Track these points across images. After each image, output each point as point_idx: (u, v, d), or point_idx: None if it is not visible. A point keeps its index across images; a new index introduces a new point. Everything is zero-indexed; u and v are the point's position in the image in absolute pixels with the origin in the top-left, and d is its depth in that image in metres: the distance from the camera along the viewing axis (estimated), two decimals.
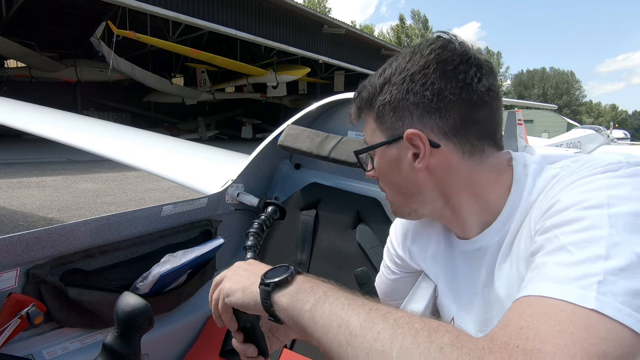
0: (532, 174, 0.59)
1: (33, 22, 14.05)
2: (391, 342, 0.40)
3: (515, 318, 0.41)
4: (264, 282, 0.54)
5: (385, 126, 0.63)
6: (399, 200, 0.68)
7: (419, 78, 0.58)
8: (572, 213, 0.46)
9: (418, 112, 0.59)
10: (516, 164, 0.62)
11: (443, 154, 0.59)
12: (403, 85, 0.59)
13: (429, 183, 0.62)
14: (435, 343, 0.38)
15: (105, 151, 2.18)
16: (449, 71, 0.58)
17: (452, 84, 0.57)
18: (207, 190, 1.38)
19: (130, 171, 7.44)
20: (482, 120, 0.59)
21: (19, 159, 8.90)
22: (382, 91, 0.62)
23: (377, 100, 0.63)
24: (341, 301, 0.47)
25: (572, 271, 0.41)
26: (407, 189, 0.64)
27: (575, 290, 0.39)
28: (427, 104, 0.58)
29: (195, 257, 1.08)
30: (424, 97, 0.58)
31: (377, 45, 18.86)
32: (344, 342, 0.43)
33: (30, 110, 2.98)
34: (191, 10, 11.02)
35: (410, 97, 0.59)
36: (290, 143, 1.39)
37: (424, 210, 0.66)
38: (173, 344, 1.15)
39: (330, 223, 1.33)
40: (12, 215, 4.46)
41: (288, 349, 1.09)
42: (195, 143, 2.85)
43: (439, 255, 0.73)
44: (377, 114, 0.63)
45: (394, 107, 0.61)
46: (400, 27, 48.20)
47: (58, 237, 0.87)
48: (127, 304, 0.65)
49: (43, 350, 0.87)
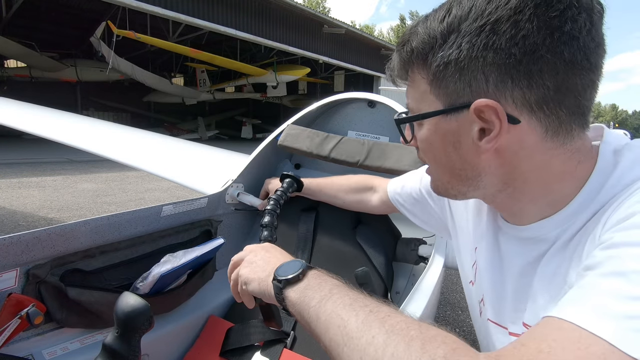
0: (623, 163, 0.46)
1: (33, 22, 14.05)
2: (384, 348, 0.38)
3: (537, 338, 0.35)
4: (276, 278, 0.56)
5: (443, 91, 0.48)
6: (446, 180, 0.55)
7: (506, 28, 0.42)
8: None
9: (497, 76, 0.44)
10: (605, 148, 0.49)
11: (519, 132, 0.46)
12: (480, 36, 0.43)
13: (492, 166, 0.49)
14: (428, 354, 0.36)
15: (105, 151, 2.18)
16: (551, 19, 0.42)
17: (553, 38, 0.42)
18: (207, 190, 1.38)
19: (130, 171, 7.44)
20: (582, 88, 0.45)
21: (19, 159, 8.90)
22: (445, 43, 0.46)
23: (436, 56, 0.47)
24: (344, 300, 0.47)
25: (625, 306, 0.33)
26: (462, 171, 0.51)
27: (621, 331, 0.32)
28: (513, 66, 0.43)
29: (195, 257, 1.08)
30: (510, 55, 0.43)
31: (377, 45, 18.85)
32: (340, 342, 0.43)
33: (30, 110, 2.98)
34: (191, 10, 11.02)
35: (489, 55, 0.43)
36: (290, 143, 1.39)
37: (474, 194, 0.55)
38: (173, 344, 1.15)
39: (330, 223, 1.33)
40: (12, 215, 4.46)
41: (288, 349, 1.09)
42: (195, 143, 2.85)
43: (482, 230, 0.64)
44: (435, 74, 0.48)
45: (461, 66, 0.45)
46: (401, 27, 48.25)
47: (58, 237, 0.87)
48: (127, 304, 0.65)
49: (43, 350, 0.87)
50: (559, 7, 0.42)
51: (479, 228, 0.66)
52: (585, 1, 0.43)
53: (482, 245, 0.64)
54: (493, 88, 0.45)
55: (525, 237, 0.54)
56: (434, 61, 0.47)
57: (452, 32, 0.46)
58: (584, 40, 0.42)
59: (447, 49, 0.46)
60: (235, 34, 12.35)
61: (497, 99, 0.45)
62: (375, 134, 1.46)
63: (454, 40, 0.45)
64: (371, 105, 1.46)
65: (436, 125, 0.51)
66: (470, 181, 0.52)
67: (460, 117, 0.48)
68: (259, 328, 1.12)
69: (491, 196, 0.54)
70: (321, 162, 1.55)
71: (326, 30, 15.47)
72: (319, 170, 1.58)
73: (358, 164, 1.28)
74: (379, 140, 1.37)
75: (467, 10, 0.45)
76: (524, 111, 0.45)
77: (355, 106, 1.51)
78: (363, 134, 1.48)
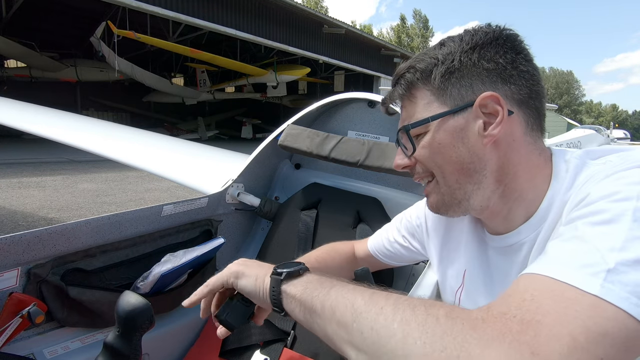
0: (572, 170, 0.57)
1: (33, 22, 14.05)
2: (393, 315, 0.43)
3: (519, 290, 0.41)
4: (275, 272, 0.60)
5: (448, 96, 0.59)
6: (456, 180, 0.61)
7: (491, 47, 0.58)
8: (598, 205, 0.45)
9: (491, 79, 0.57)
10: (556, 158, 0.61)
11: (511, 125, 0.58)
12: (474, 54, 0.58)
13: (493, 158, 0.58)
14: (432, 315, 0.41)
15: (105, 151, 2.18)
16: (518, 45, 0.59)
17: (521, 56, 0.58)
18: (208, 190, 1.38)
19: (130, 171, 7.44)
20: (542, 95, 0.60)
21: (19, 159, 8.90)
22: (446, 60, 0.59)
23: (438, 71, 0.59)
24: (348, 287, 0.52)
25: (583, 258, 0.41)
26: (471, 164, 0.59)
27: (583, 276, 0.39)
28: (502, 71, 0.57)
29: (195, 256, 1.08)
30: (498, 64, 0.57)
31: (377, 45, 18.86)
32: (349, 320, 0.47)
33: (30, 110, 2.98)
34: (191, 10, 11.02)
35: (483, 64, 0.57)
36: (291, 143, 1.39)
37: (475, 197, 0.61)
38: (173, 343, 1.15)
39: (330, 223, 1.33)
40: (12, 215, 4.46)
41: (288, 348, 1.09)
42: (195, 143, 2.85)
43: (472, 251, 0.72)
44: (439, 85, 0.59)
45: (461, 75, 0.58)
46: (401, 27, 48.22)
47: (59, 237, 0.87)
48: (128, 303, 0.65)
49: (44, 349, 0.88)
50: (519, 39, 0.60)
51: (471, 253, 0.72)
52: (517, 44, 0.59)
53: (473, 264, 0.71)
54: (489, 87, 0.58)
55: (510, 244, 0.62)
56: (438, 74, 0.59)
57: (451, 53, 0.59)
58: (534, 64, 0.60)
59: (449, 64, 0.59)
60: (235, 34, 12.35)
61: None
62: (375, 134, 1.47)
63: (453, 58, 0.59)
64: (371, 105, 1.46)
65: (444, 126, 0.59)
66: (477, 175, 0.60)
67: (466, 114, 0.58)
68: (259, 328, 1.13)
69: (487, 200, 0.61)
70: (321, 162, 1.55)
71: (326, 30, 15.48)
72: (319, 170, 1.59)
73: (358, 164, 1.29)
74: (379, 140, 1.38)
75: (458, 41, 0.60)
76: (514, 105, 0.58)
77: (355, 106, 1.51)
78: (363, 134, 1.49)
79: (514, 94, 0.58)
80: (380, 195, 1.39)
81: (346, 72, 19.06)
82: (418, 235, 0.88)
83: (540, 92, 0.60)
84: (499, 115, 0.56)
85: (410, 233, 0.90)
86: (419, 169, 0.64)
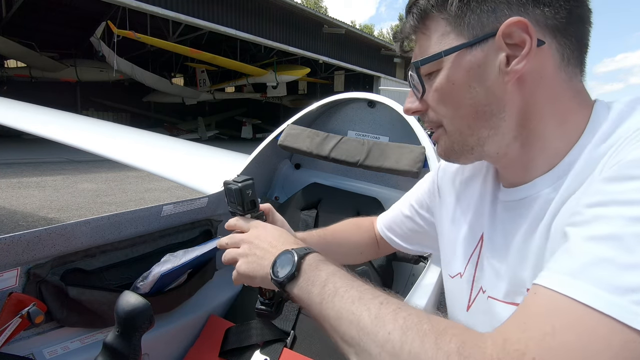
0: (616, 116, 0.46)
1: (33, 22, 14.05)
2: (401, 346, 0.40)
3: (538, 319, 0.35)
4: (272, 277, 0.55)
5: (467, 25, 0.49)
6: (468, 125, 0.52)
7: None
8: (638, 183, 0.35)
9: (519, 0, 0.47)
10: (599, 103, 0.50)
11: (541, 58, 0.47)
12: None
13: (515, 99, 0.49)
14: (443, 350, 0.37)
15: (105, 151, 2.19)
16: None
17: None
18: (208, 190, 1.38)
19: (130, 171, 7.44)
20: (586, 20, 0.49)
21: (19, 159, 8.90)
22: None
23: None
24: (351, 294, 0.47)
25: (623, 277, 0.32)
26: (488, 106, 0.50)
27: (620, 304, 0.31)
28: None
29: (195, 256, 1.08)
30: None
31: (377, 45, 18.85)
32: (356, 336, 0.44)
33: (30, 110, 2.98)
34: (191, 10, 11.02)
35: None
36: (291, 143, 1.39)
37: (491, 144, 0.52)
38: (173, 343, 1.15)
39: (330, 223, 1.33)
40: (12, 215, 4.46)
41: (288, 348, 1.09)
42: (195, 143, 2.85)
43: (484, 209, 0.63)
44: (457, 12, 0.49)
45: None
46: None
47: (58, 237, 0.87)
48: (127, 303, 0.65)
49: (44, 349, 0.88)
50: None
51: (479, 209, 0.64)
52: None
53: (486, 224, 0.62)
54: (516, 11, 0.47)
55: (520, 198, 0.54)
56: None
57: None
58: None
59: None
60: (235, 34, 12.35)
61: None
62: (375, 133, 1.47)
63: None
64: (371, 105, 1.46)
65: (460, 62, 0.50)
66: (494, 119, 0.51)
67: (486, 46, 0.48)
68: (259, 328, 1.13)
69: (505, 147, 0.52)
70: (321, 162, 1.55)
71: (326, 30, 15.48)
72: (319, 170, 1.59)
73: (358, 163, 1.29)
74: (379, 140, 1.38)
75: None
76: (547, 33, 0.47)
77: (355, 106, 1.51)
78: (363, 133, 1.49)
79: (548, 19, 0.47)
80: (380, 195, 1.39)
81: (346, 72, 19.07)
82: (428, 202, 0.79)
83: (584, 15, 0.49)
84: (525, 47, 0.46)
85: (419, 202, 0.81)
86: (431, 114, 0.56)
